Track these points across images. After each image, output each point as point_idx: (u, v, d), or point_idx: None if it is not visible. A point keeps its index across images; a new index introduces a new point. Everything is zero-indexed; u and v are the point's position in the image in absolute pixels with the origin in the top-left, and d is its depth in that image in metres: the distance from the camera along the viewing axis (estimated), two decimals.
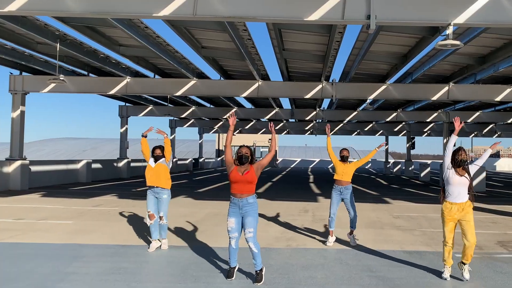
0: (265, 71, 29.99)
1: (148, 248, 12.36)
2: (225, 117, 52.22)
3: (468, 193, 9.83)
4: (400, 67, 26.39)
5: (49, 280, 9.41)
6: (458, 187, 9.76)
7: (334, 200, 13.48)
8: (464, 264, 9.91)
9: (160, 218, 12.47)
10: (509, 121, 48.83)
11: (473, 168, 10.30)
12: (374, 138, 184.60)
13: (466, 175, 9.85)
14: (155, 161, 12.81)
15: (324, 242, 13.69)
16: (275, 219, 18.29)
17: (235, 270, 9.74)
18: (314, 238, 14.52)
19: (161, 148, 12.84)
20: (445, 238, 9.98)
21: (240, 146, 9.71)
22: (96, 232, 14.99)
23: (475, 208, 9.97)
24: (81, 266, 10.55)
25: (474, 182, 34.53)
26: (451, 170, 9.87)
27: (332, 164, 13.97)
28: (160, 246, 12.52)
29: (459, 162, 9.84)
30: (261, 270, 9.43)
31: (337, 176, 13.43)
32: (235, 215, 9.41)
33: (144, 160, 15.10)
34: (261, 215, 18.11)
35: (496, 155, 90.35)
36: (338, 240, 13.94)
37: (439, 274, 10.26)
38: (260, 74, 29.71)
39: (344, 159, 13.58)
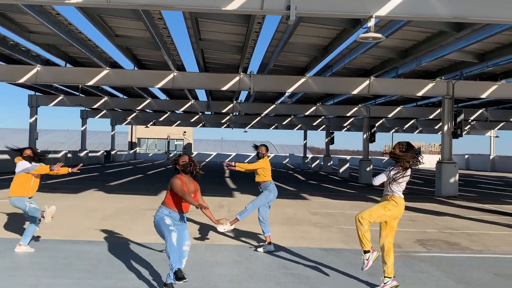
0: (180, 62, 29.90)
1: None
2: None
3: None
4: (320, 60, 26.68)
5: None
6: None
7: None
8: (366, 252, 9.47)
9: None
10: (430, 117, 49.91)
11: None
12: (293, 132, 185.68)
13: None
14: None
15: (257, 247, 13.21)
16: (188, 215, 18.32)
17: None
18: (230, 234, 14.64)
19: (32, 150, 11.91)
20: (368, 222, 9.62)
21: (183, 154, 9.42)
22: None
23: None
24: None
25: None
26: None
27: (250, 159, 13.77)
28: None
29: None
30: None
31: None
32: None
33: (55, 152, 14.71)
34: None
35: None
36: (255, 237, 14.10)
37: (355, 271, 10.54)
38: (176, 64, 29.61)
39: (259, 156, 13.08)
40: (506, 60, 24.66)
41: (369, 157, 44.70)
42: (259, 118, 63.06)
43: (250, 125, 70.31)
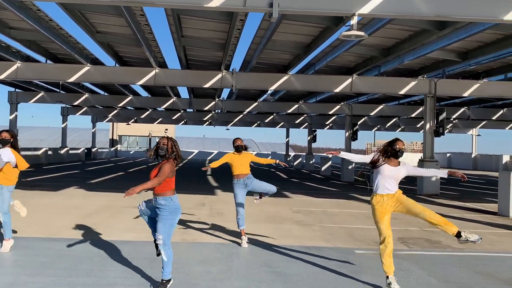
0: (162, 59, 29.83)
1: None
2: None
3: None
4: (303, 58, 26.70)
5: None
6: (389, 178, 9.56)
7: (240, 196, 13.25)
8: (459, 234, 9.50)
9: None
10: (412, 115, 50.14)
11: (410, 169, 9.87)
12: (275, 130, 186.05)
13: (401, 166, 9.62)
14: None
15: (238, 243, 13.30)
16: None
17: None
18: (211, 232, 14.66)
19: (10, 132, 11.57)
20: (384, 236, 9.52)
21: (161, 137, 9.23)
22: None
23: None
24: None
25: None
26: (382, 160, 9.56)
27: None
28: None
29: (397, 152, 9.52)
30: (168, 280, 8.75)
31: (237, 171, 13.25)
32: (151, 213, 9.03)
33: (35, 149, 14.57)
34: None
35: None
36: (235, 234, 14.11)
37: (337, 270, 10.59)
38: (158, 61, 29.53)
39: (238, 149, 13.36)
40: (488, 58, 24.76)
41: None
42: (241, 115, 63.09)
43: (232, 123, 70.36)
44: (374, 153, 9.73)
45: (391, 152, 9.53)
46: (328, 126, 69.94)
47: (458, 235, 9.36)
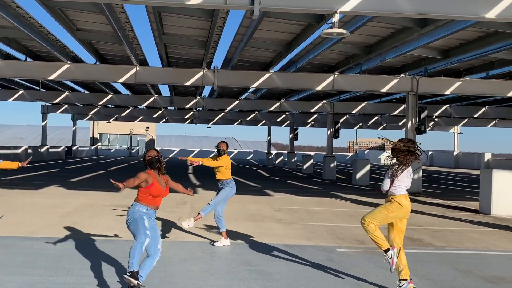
0: (143, 56, 29.75)
1: None
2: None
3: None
4: (285, 55, 26.70)
5: None
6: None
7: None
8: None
9: None
10: (394, 113, 50.25)
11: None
12: (257, 128, 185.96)
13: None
14: None
15: (214, 242, 13.14)
16: None
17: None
18: (192, 231, 14.63)
19: None
20: (376, 224, 9.34)
21: (149, 150, 9.13)
22: None
23: (354, 201, 10.25)
24: None
25: (358, 175, 35.56)
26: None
27: (213, 155, 13.61)
28: None
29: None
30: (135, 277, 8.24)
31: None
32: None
33: (15, 147, 14.50)
34: None
35: (381, 148, 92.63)
36: (217, 233, 14.09)
37: (319, 268, 10.62)
38: (138, 59, 29.44)
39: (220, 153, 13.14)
40: (470, 56, 24.89)
41: (333, 153, 44.90)
42: (222, 114, 63.01)
43: (213, 121, 70.28)
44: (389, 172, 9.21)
45: (408, 151, 9.09)
46: (310, 124, 69.96)
47: (386, 251, 9.13)
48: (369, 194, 27.47)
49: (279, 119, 63.52)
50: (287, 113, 60.39)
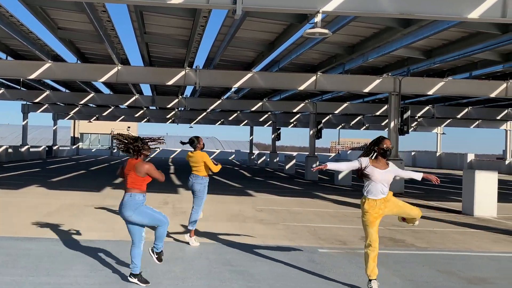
0: (125, 55, 29.70)
1: None
2: None
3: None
4: (267, 55, 26.76)
5: None
6: (380, 183, 9.14)
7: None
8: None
9: None
10: (377, 113, 50.40)
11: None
12: (239, 128, 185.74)
13: (390, 167, 9.34)
14: None
15: (202, 242, 13.23)
16: None
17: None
18: (174, 231, 14.61)
19: None
20: (372, 241, 9.19)
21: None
22: None
23: (336, 201, 10.30)
24: None
25: (340, 176, 35.60)
26: (370, 165, 9.17)
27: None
28: None
29: (386, 152, 9.27)
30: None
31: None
32: None
33: None
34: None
35: (363, 148, 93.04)
36: (197, 233, 14.08)
37: (301, 269, 10.63)
38: (120, 58, 29.38)
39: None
40: (453, 57, 25.05)
41: (316, 153, 44.99)
42: (205, 113, 62.96)
43: (195, 121, 70.27)
44: (360, 158, 9.35)
45: (379, 152, 9.25)
46: (292, 124, 70.14)
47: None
48: (351, 195, 27.50)
49: (261, 119, 63.57)
50: (269, 113, 60.45)
